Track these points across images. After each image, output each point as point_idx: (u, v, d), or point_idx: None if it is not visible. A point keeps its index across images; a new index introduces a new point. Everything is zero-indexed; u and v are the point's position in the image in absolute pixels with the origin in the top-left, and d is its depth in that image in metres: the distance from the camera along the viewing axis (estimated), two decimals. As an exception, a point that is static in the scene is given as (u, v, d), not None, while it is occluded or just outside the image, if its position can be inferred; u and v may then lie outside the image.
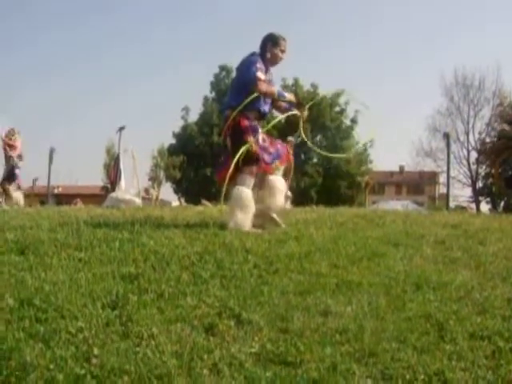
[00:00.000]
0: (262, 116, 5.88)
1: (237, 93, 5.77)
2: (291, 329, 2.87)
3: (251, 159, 5.57)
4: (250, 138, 5.55)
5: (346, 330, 2.86)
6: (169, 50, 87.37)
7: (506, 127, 28.29)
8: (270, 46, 5.85)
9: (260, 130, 5.73)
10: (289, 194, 14.53)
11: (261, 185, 5.79)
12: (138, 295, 3.24)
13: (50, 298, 3.13)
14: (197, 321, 2.94)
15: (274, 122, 6.30)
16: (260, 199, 5.73)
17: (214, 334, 2.80)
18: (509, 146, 25.92)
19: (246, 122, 5.63)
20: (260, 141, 5.66)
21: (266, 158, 5.68)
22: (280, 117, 6.26)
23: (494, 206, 36.09)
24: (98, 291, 3.27)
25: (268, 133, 6.01)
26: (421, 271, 4.01)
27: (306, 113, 6.21)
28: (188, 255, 4.14)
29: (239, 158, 5.48)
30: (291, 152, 6.60)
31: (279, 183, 5.88)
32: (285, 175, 6.28)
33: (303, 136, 6.13)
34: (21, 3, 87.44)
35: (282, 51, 5.91)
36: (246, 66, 5.77)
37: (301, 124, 6.16)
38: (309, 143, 7.33)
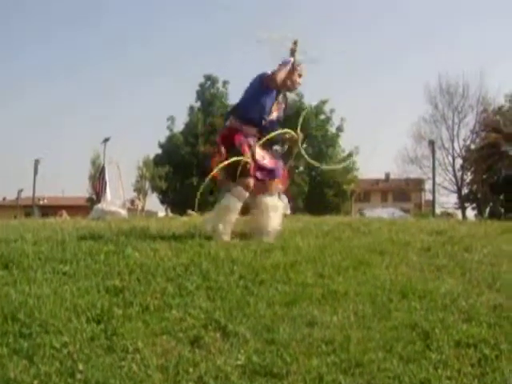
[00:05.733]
0: (260, 130, 5.64)
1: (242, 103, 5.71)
2: (277, 340, 2.86)
3: (247, 173, 5.41)
4: (247, 152, 5.39)
5: (332, 341, 2.86)
6: (154, 60, 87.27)
7: (491, 134, 28.59)
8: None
9: (257, 146, 5.54)
10: (285, 200, 14.53)
11: (254, 205, 5.65)
12: (123, 308, 3.22)
13: (35, 312, 3.10)
14: (182, 333, 2.92)
15: (269, 135, 5.68)
16: (254, 220, 5.65)
17: (200, 347, 2.79)
18: (493, 152, 26.19)
19: (241, 138, 5.47)
20: (257, 157, 5.51)
21: (259, 175, 5.54)
22: (275, 132, 5.76)
23: (480, 213, 36.36)
24: (82, 305, 3.24)
25: (266, 147, 5.74)
26: (406, 279, 4.01)
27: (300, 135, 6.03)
28: (174, 267, 4.12)
29: (236, 173, 5.32)
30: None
31: (273, 204, 5.69)
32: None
33: (304, 154, 6.07)
34: None
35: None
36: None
37: (299, 144, 6.03)
38: (307, 158, 6.90)
